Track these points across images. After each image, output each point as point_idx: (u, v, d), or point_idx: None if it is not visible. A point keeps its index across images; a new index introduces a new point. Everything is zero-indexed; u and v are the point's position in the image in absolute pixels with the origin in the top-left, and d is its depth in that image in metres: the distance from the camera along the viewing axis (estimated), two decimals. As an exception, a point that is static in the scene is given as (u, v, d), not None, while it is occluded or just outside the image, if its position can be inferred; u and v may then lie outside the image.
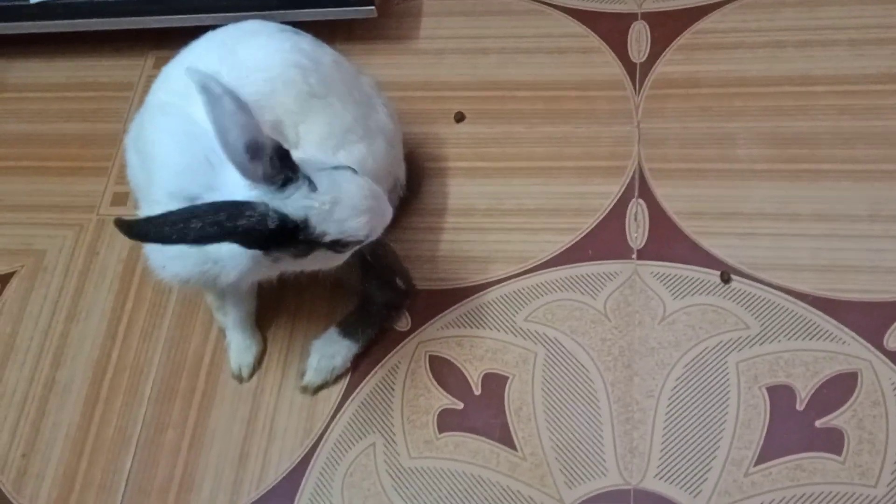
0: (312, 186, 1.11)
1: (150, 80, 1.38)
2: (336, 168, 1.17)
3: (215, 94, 1.06)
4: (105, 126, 1.89)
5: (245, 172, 1.08)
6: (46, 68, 2.02)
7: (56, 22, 1.89)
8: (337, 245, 1.15)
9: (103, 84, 1.96)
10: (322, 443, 1.48)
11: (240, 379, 1.55)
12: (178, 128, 1.24)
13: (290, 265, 1.20)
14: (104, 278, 1.69)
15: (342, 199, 1.12)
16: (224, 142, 1.07)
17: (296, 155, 1.13)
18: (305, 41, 1.38)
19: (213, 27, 1.40)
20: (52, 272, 1.72)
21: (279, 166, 1.09)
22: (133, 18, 1.85)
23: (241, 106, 1.07)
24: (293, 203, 1.09)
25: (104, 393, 1.58)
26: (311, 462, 1.46)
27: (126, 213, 1.75)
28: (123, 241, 1.72)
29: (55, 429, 1.56)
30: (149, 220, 1.05)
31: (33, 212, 1.81)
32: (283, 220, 1.08)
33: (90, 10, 1.86)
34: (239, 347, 1.55)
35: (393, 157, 1.49)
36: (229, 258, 1.17)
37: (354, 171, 1.18)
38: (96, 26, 1.88)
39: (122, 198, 1.77)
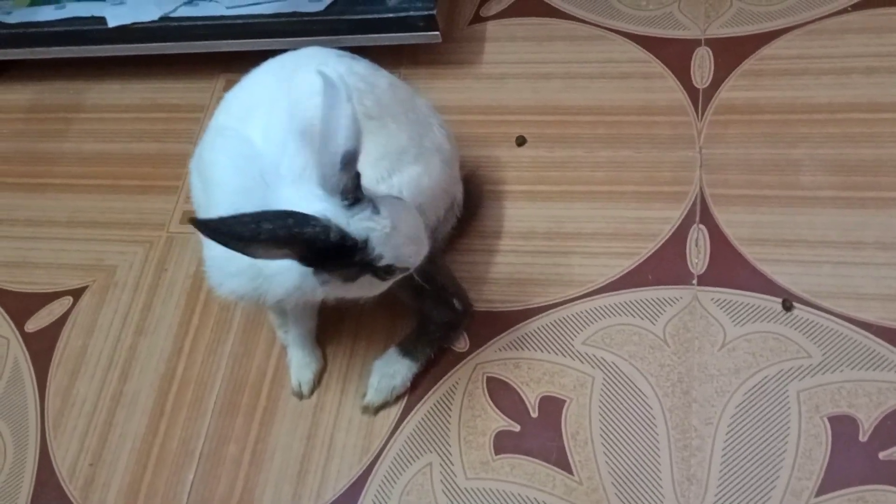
0: (376, 210, 1.14)
1: (221, 101, 1.44)
2: (394, 197, 1.20)
3: (340, 95, 1.08)
4: (176, 146, 1.95)
5: (328, 181, 1.11)
6: (122, 90, 2.09)
7: (132, 45, 1.95)
8: (386, 271, 1.17)
9: (176, 105, 2.02)
10: (380, 461, 1.49)
11: (300, 395, 1.57)
12: (234, 149, 1.28)
13: (336, 289, 1.22)
14: (172, 294, 1.74)
15: (400, 225, 1.15)
16: (325, 144, 1.09)
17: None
18: (361, 65, 1.42)
19: (283, 51, 1.45)
20: (123, 287, 1.77)
21: (356, 186, 1.12)
22: (205, 42, 1.91)
23: (357, 117, 1.10)
24: (357, 223, 1.12)
25: (169, 406, 1.62)
26: (369, 480, 1.48)
27: (193, 232, 1.79)
28: (191, 259, 1.77)
29: (122, 440, 1.60)
30: (222, 219, 1.07)
31: (106, 228, 1.87)
32: (344, 236, 1.11)
33: (164, 34, 1.93)
34: (299, 364, 1.58)
35: (449, 176, 1.51)
36: (278, 275, 1.20)
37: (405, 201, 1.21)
38: (170, 50, 1.95)
39: (190, 216, 1.82)
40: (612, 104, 1.79)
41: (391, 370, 1.53)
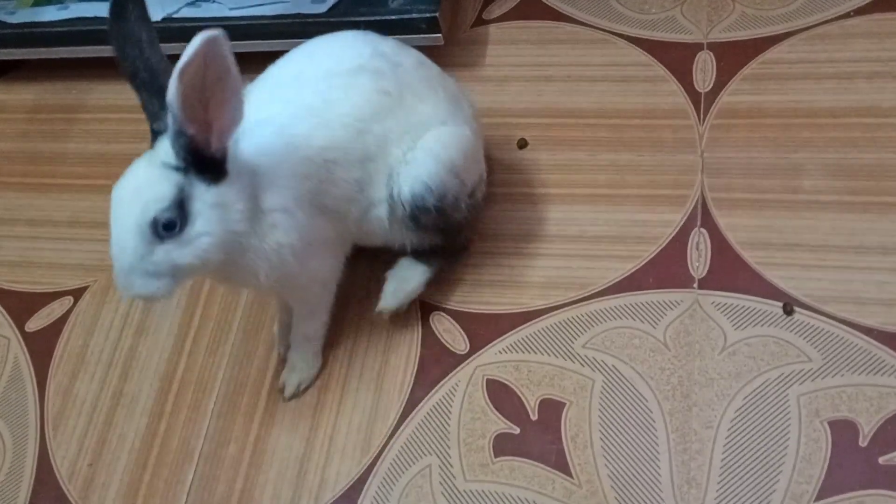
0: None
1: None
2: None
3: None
4: (178, 147, 1.94)
5: None
6: (125, 90, 2.05)
7: (135, 46, 1.96)
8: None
9: (178, 106, 2.02)
10: (379, 462, 1.49)
11: (280, 392, 1.57)
12: None
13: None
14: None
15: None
16: None
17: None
18: (387, 45, 1.43)
19: (285, 52, 1.45)
20: (124, 287, 1.77)
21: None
22: (208, 43, 1.91)
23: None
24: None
25: (169, 406, 1.62)
26: (368, 481, 1.48)
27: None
28: (192, 259, 1.77)
29: (121, 440, 1.60)
30: None
31: (107, 229, 1.85)
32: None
33: (167, 35, 1.90)
34: (291, 366, 1.58)
35: (478, 149, 1.53)
36: None
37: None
38: (173, 50, 1.92)
39: None
40: (614, 107, 1.79)
41: (406, 275, 1.55)
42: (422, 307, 1.62)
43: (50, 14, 1.99)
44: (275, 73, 1.42)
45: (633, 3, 1.92)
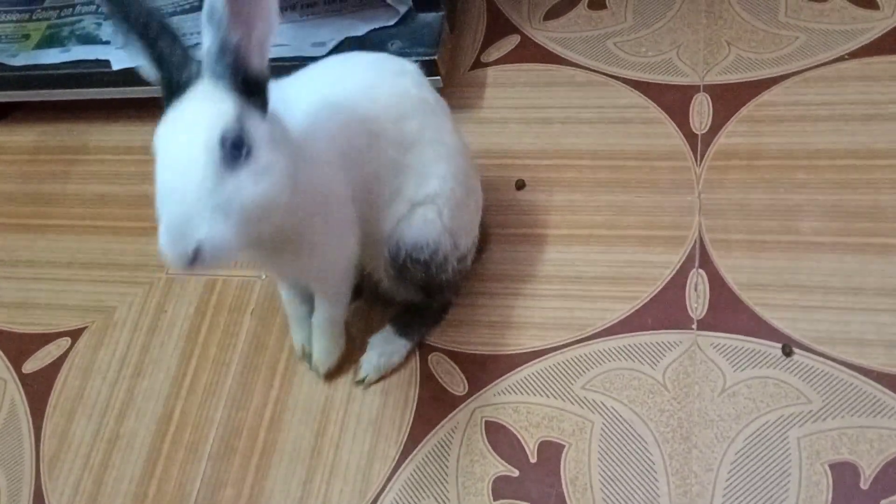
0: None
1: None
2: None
3: None
4: (178, 188, 1.95)
5: None
6: (125, 132, 2.10)
7: (136, 88, 1.97)
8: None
9: (178, 148, 2.03)
10: (377, 506, 1.48)
11: (316, 371, 1.61)
12: None
13: None
14: (171, 336, 1.74)
15: None
16: None
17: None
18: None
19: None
20: (122, 328, 1.77)
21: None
22: (208, 86, 1.93)
23: None
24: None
25: (166, 448, 1.61)
26: (366, 525, 1.47)
27: (194, 271, 1.80)
28: (190, 300, 1.77)
29: (117, 482, 1.59)
30: None
31: (106, 270, 1.87)
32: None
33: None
34: (322, 349, 1.59)
35: (476, 220, 1.58)
36: None
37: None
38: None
39: (190, 258, 1.82)
40: (612, 149, 1.80)
41: (389, 349, 1.60)
42: (420, 348, 1.62)
43: (51, 56, 2.01)
44: (310, 70, 1.39)
45: (629, 46, 1.94)
